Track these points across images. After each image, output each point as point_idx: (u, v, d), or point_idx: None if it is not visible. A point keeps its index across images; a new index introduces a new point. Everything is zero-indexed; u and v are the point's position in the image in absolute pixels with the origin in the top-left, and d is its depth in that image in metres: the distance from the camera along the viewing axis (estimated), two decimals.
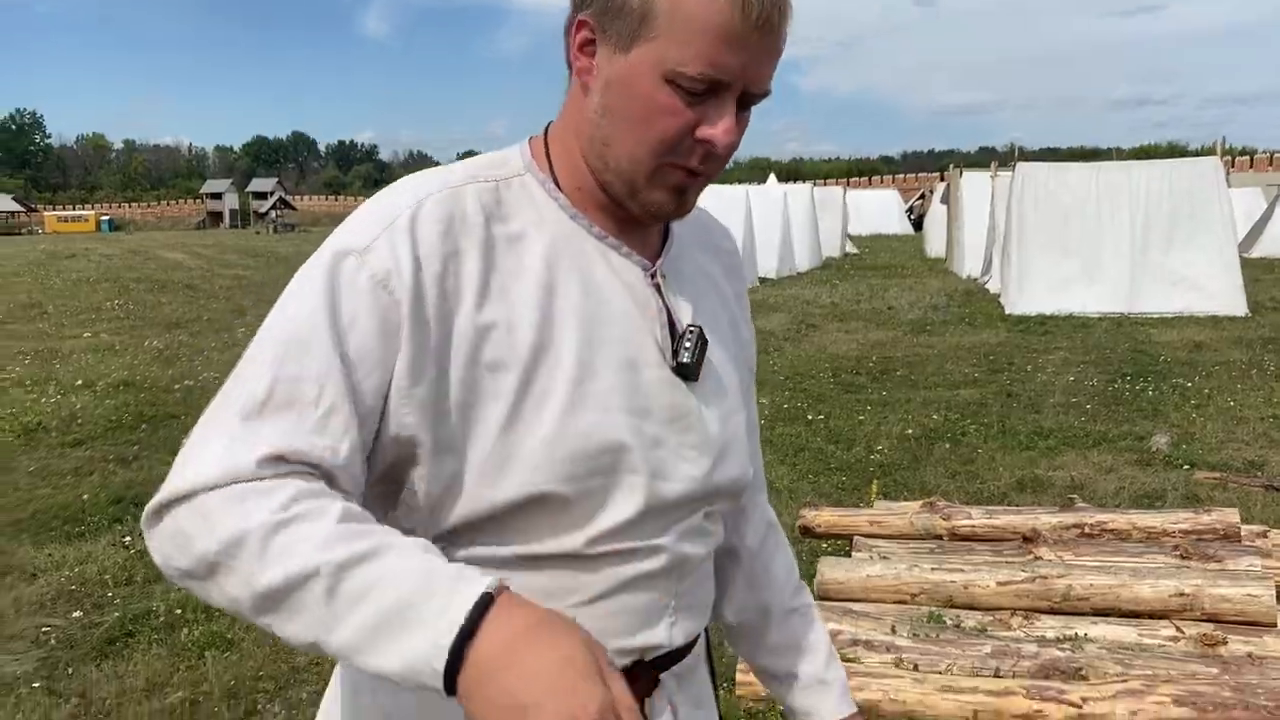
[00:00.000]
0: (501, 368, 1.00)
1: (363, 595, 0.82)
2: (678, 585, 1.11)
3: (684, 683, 1.16)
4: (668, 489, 1.06)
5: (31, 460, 7.34)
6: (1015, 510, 4.34)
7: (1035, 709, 2.98)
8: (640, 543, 1.06)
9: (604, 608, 1.05)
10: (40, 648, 3.98)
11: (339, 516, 0.86)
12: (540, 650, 0.78)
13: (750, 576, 1.31)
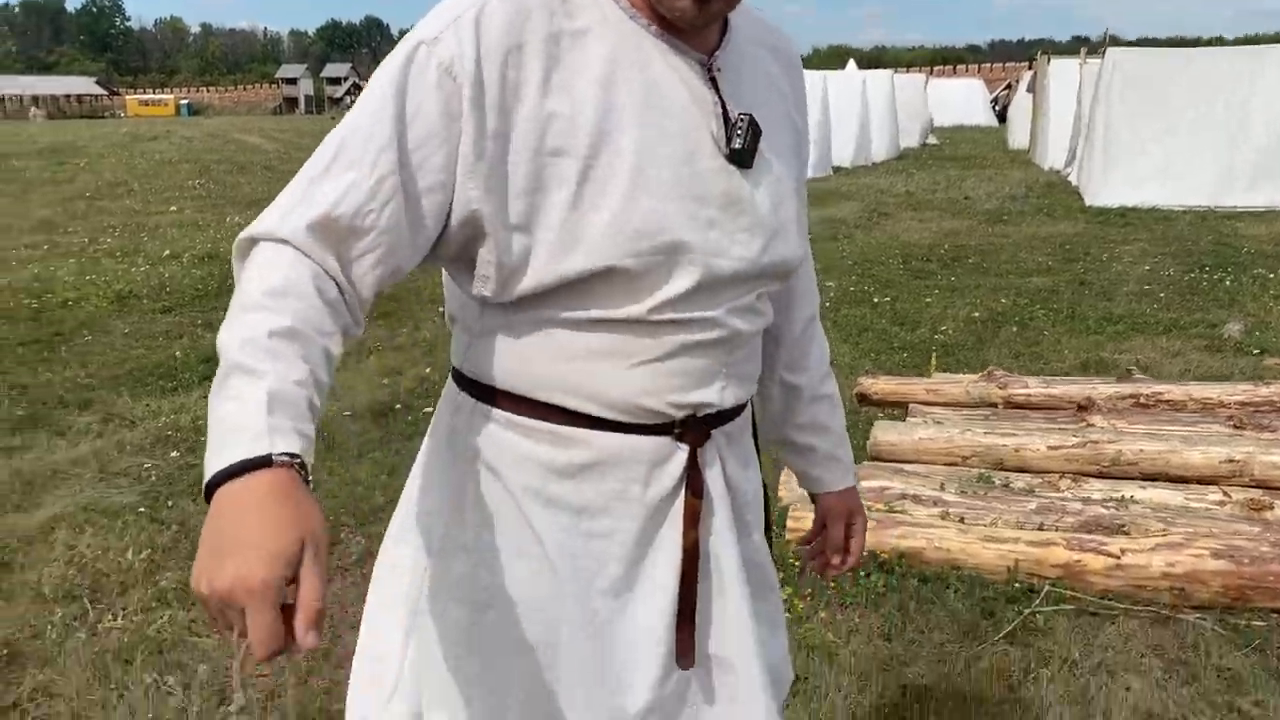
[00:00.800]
0: (565, 154, 1.11)
1: (223, 398, 0.95)
2: (728, 355, 1.23)
3: (732, 442, 1.29)
4: (721, 267, 1.18)
5: (125, 324, 7.72)
6: (1072, 380, 4.39)
7: (1074, 559, 3.10)
8: (696, 314, 1.18)
9: (663, 368, 1.18)
10: (142, 483, 4.30)
11: (275, 330, 0.98)
12: (261, 514, 0.86)
13: (790, 360, 1.43)
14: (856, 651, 2.80)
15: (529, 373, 1.19)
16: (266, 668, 2.68)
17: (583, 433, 1.19)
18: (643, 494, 1.21)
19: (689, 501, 1.22)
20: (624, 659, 1.23)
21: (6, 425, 5.14)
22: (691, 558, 1.23)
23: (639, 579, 1.23)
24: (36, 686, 2.73)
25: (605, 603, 1.22)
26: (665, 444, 1.21)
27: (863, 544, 1.53)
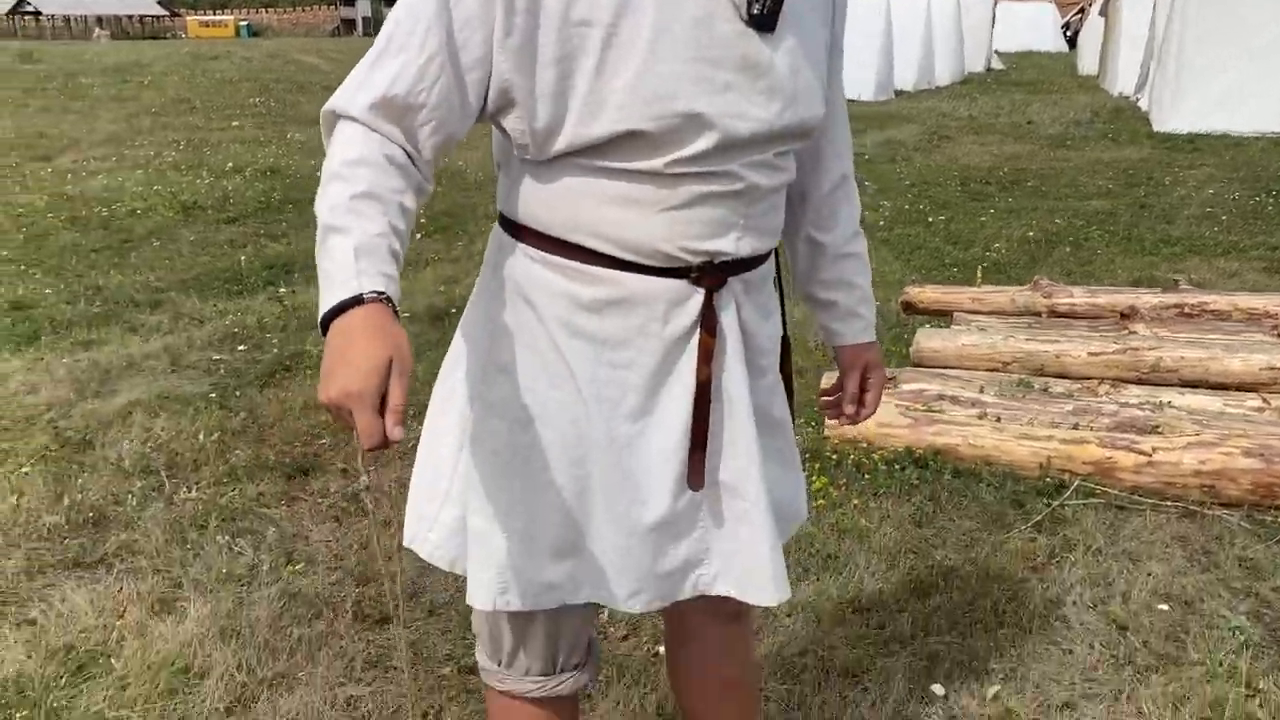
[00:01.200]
0: (589, 24, 1.21)
1: (323, 254, 1.17)
2: (747, 208, 1.33)
3: (751, 291, 1.39)
4: (738, 128, 1.27)
5: (191, 233, 7.96)
6: (1117, 290, 4.41)
7: (1106, 456, 3.17)
8: (714, 168, 1.28)
9: (682, 215, 1.29)
10: (211, 376, 4.51)
11: (354, 194, 1.18)
12: (358, 341, 1.09)
13: (817, 218, 1.52)
14: (887, 535, 2.91)
15: (558, 216, 1.31)
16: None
17: (606, 272, 1.30)
18: (661, 330, 1.32)
19: (703, 339, 1.33)
20: (642, 478, 1.36)
21: (84, 322, 5.40)
22: (704, 391, 1.35)
23: (656, 408, 1.35)
24: (120, 545, 2.95)
25: (626, 427, 1.35)
26: (683, 287, 1.32)
27: (878, 398, 1.62)
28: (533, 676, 1.51)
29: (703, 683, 1.72)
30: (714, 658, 1.69)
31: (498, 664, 1.52)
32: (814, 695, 2.24)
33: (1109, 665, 2.35)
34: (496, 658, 1.52)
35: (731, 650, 1.70)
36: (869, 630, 2.48)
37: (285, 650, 2.42)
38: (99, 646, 2.44)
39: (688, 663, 1.72)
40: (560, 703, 1.55)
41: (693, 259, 1.31)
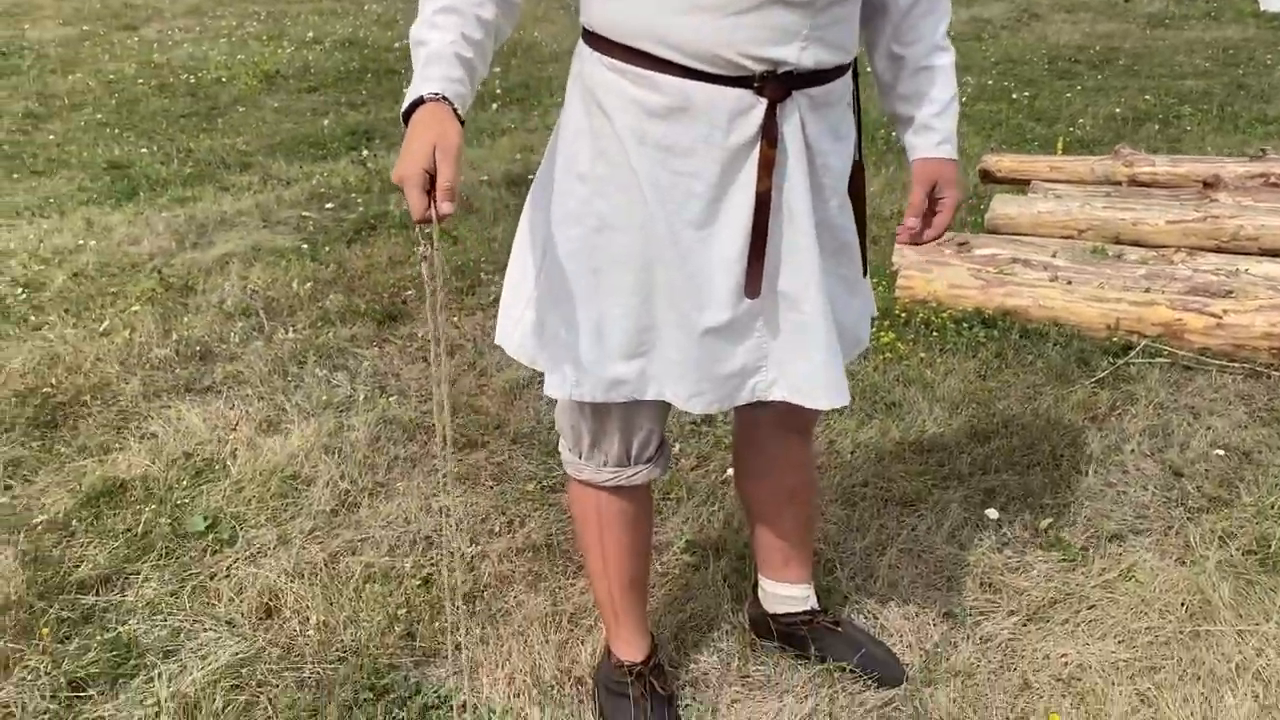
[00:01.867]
0: None
1: (414, 61, 1.37)
2: (813, 18, 1.38)
3: (818, 108, 1.45)
4: None
5: (274, 100, 8.11)
6: (1201, 159, 4.33)
7: (1176, 318, 3.20)
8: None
9: (746, 20, 1.34)
10: (301, 231, 4.70)
11: (436, 9, 1.37)
12: (414, 133, 1.27)
13: (897, 32, 1.56)
14: (951, 386, 3.00)
15: (628, 24, 1.39)
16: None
17: (671, 80, 1.38)
18: (724, 140, 1.40)
19: (764, 151, 1.40)
20: (704, 284, 1.46)
21: (178, 181, 5.61)
22: (764, 202, 1.43)
23: (718, 216, 1.45)
24: (227, 375, 3.17)
25: (690, 233, 1.45)
26: (746, 96, 1.39)
27: (947, 220, 1.65)
28: (609, 467, 1.65)
29: (768, 491, 1.85)
30: (779, 468, 1.83)
31: (578, 455, 1.67)
32: (872, 519, 2.38)
33: (1160, 504, 2.44)
34: (577, 450, 1.67)
35: (795, 462, 1.83)
36: (928, 467, 2.60)
37: (383, 466, 2.62)
38: (214, 456, 2.66)
39: (755, 472, 1.86)
40: (634, 492, 1.70)
41: (755, 66, 1.37)
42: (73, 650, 1.95)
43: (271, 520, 2.38)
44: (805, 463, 1.86)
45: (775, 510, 1.87)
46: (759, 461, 1.84)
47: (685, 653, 1.97)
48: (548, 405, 2.96)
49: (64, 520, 2.40)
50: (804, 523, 1.90)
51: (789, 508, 1.86)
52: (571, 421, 1.64)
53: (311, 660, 1.93)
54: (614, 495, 1.69)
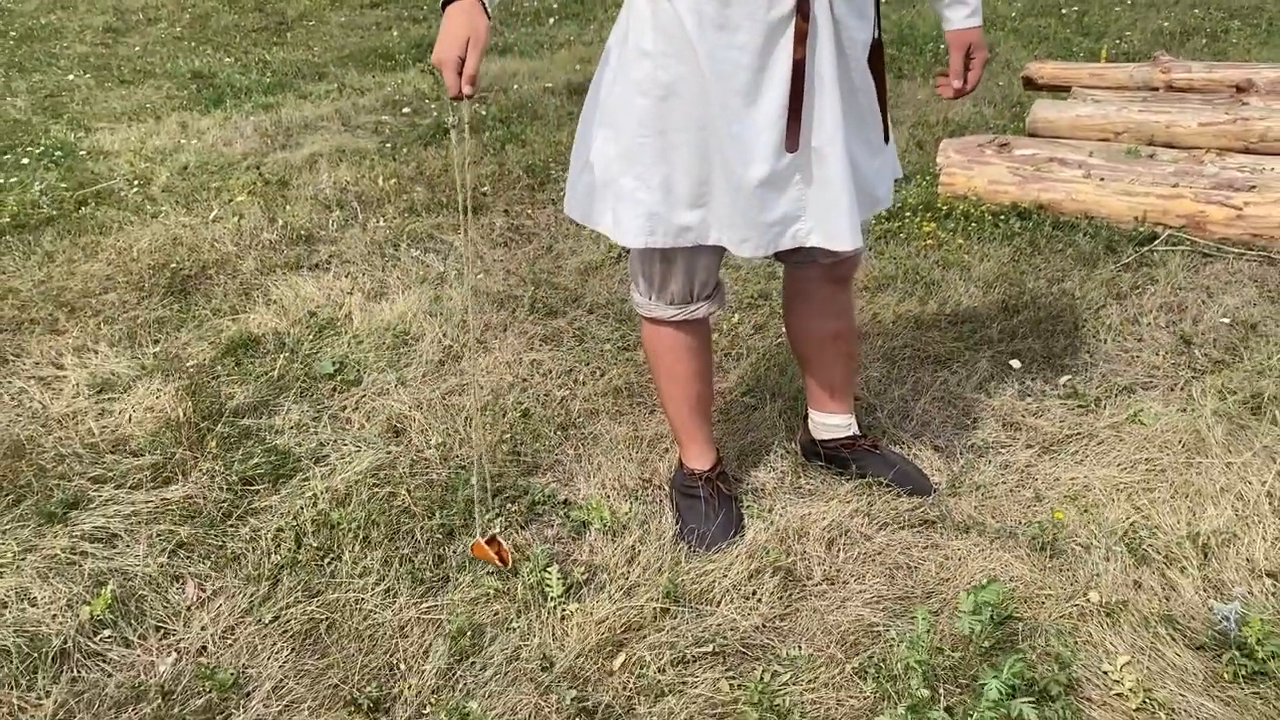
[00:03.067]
0: None
1: None
2: None
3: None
4: None
5: (339, 16, 8.40)
6: (1236, 65, 4.51)
7: (1199, 210, 3.45)
8: None
9: None
10: (380, 135, 5.03)
11: None
12: (450, 22, 1.60)
13: None
14: (986, 269, 3.30)
15: None
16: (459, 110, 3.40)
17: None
18: (765, 15, 1.70)
19: (798, 24, 1.70)
20: (751, 142, 1.77)
21: (259, 89, 5.96)
22: (799, 70, 1.73)
23: (762, 83, 1.75)
24: (331, 254, 3.54)
25: (739, 99, 1.75)
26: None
27: (979, 76, 1.94)
28: (674, 305, 1.98)
29: (815, 334, 2.18)
30: (822, 314, 2.15)
31: (649, 297, 2.00)
32: (909, 374, 2.71)
33: (1170, 365, 2.74)
34: (649, 292, 1.99)
35: (837, 309, 2.15)
36: (961, 333, 2.91)
37: (479, 327, 2.98)
38: (332, 316, 3.04)
39: (803, 318, 2.18)
40: (696, 325, 2.03)
41: None
42: (239, 456, 2.35)
43: (390, 366, 2.76)
44: (846, 309, 2.17)
45: (820, 351, 2.20)
46: (806, 308, 2.16)
47: (746, 470, 2.33)
48: (618, 282, 3.29)
49: (210, 366, 2.79)
50: (845, 361, 2.22)
51: (832, 348, 2.19)
52: (644, 269, 1.97)
53: (437, 466, 2.32)
54: (679, 329, 2.02)
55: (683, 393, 2.10)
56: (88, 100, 5.90)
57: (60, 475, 2.30)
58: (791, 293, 2.18)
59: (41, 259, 3.52)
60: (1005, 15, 7.75)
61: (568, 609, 1.90)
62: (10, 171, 4.45)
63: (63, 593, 1.94)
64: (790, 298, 2.19)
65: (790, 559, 2.03)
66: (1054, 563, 2.03)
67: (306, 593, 1.96)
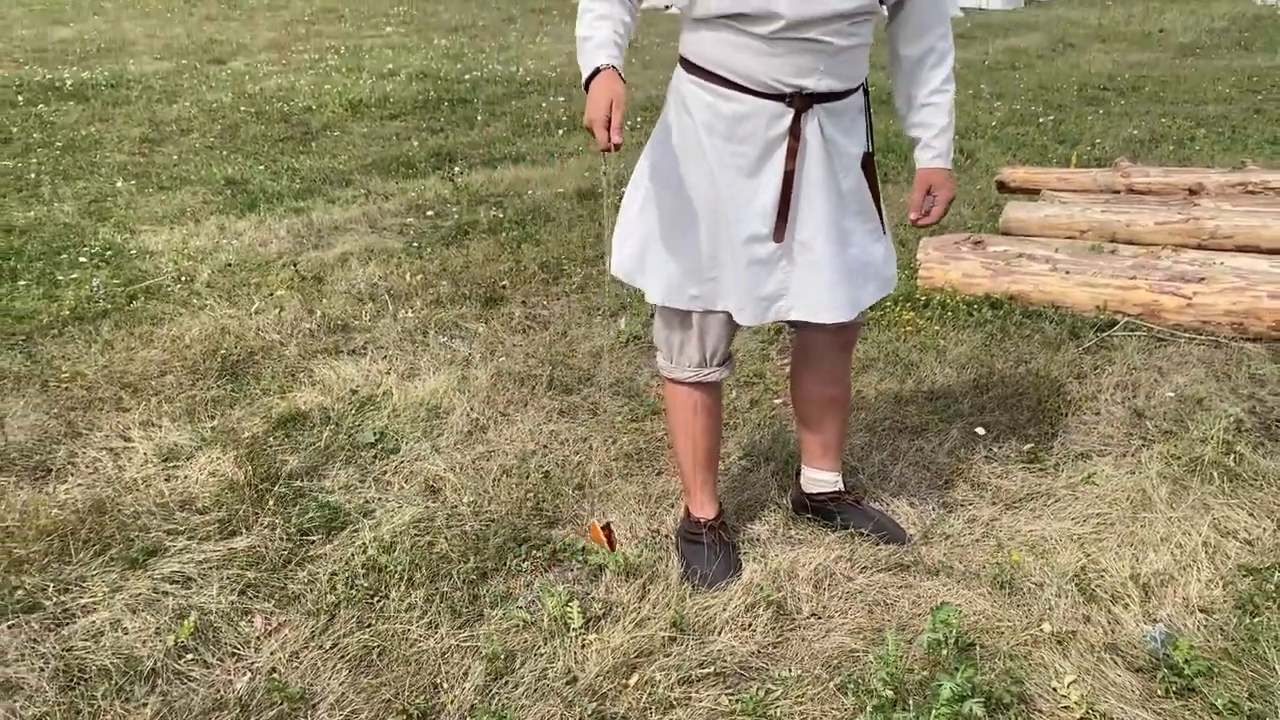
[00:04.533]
0: None
1: (582, 50, 2.02)
2: (827, 60, 2.06)
3: (834, 115, 2.13)
4: (810, 8, 1.99)
5: (361, 127, 8.93)
6: (1189, 170, 4.93)
7: (1153, 299, 3.81)
8: (799, 35, 2.02)
9: (778, 62, 2.04)
10: (405, 235, 5.44)
11: (594, 16, 2.04)
12: (595, 90, 1.92)
13: (909, 77, 2.23)
14: (959, 352, 3.64)
15: (707, 55, 2.11)
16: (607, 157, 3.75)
17: (734, 93, 2.09)
18: (765, 134, 2.10)
19: (790, 143, 2.09)
20: (749, 228, 2.14)
21: (290, 194, 6.40)
22: (788, 179, 2.11)
23: (760, 183, 2.13)
24: (366, 341, 3.89)
25: (742, 197, 2.13)
26: (780, 107, 2.08)
27: (941, 213, 2.29)
28: (691, 369, 2.32)
29: (815, 395, 2.51)
30: (824, 379, 2.49)
31: (670, 361, 2.35)
32: (889, 442, 3.03)
33: (1122, 435, 3.06)
34: (670, 356, 2.34)
35: (837, 375, 2.49)
36: (936, 408, 3.24)
37: (502, 403, 3.31)
38: (371, 394, 3.38)
39: (807, 381, 2.52)
40: (710, 388, 2.37)
41: (786, 89, 2.07)
42: (295, 512, 2.66)
43: (424, 436, 3.08)
44: (844, 376, 2.51)
45: (819, 412, 2.53)
46: (811, 373, 2.50)
47: (744, 522, 2.63)
48: (626, 363, 3.64)
49: (263, 437, 3.11)
50: (838, 424, 2.55)
51: (829, 411, 2.52)
52: (666, 335, 2.32)
53: (469, 519, 2.62)
54: (694, 389, 2.36)
55: (693, 446, 2.42)
56: (130, 205, 6.33)
57: (139, 528, 2.61)
58: (799, 359, 2.52)
59: (102, 346, 3.87)
60: (986, 124, 8.27)
61: (588, 638, 2.19)
62: (66, 270, 4.84)
63: (150, 623, 2.24)
64: (798, 363, 2.53)
65: (782, 595, 2.33)
66: (1012, 599, 2.32)
67: (360, 624, 2.25)
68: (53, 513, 2.67)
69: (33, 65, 12.03)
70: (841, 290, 2.20)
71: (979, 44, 13.87)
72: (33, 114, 9.24)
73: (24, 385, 3.51)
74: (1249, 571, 2.39)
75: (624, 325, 3.93)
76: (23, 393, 3.45)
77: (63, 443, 3.10)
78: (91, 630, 2.22)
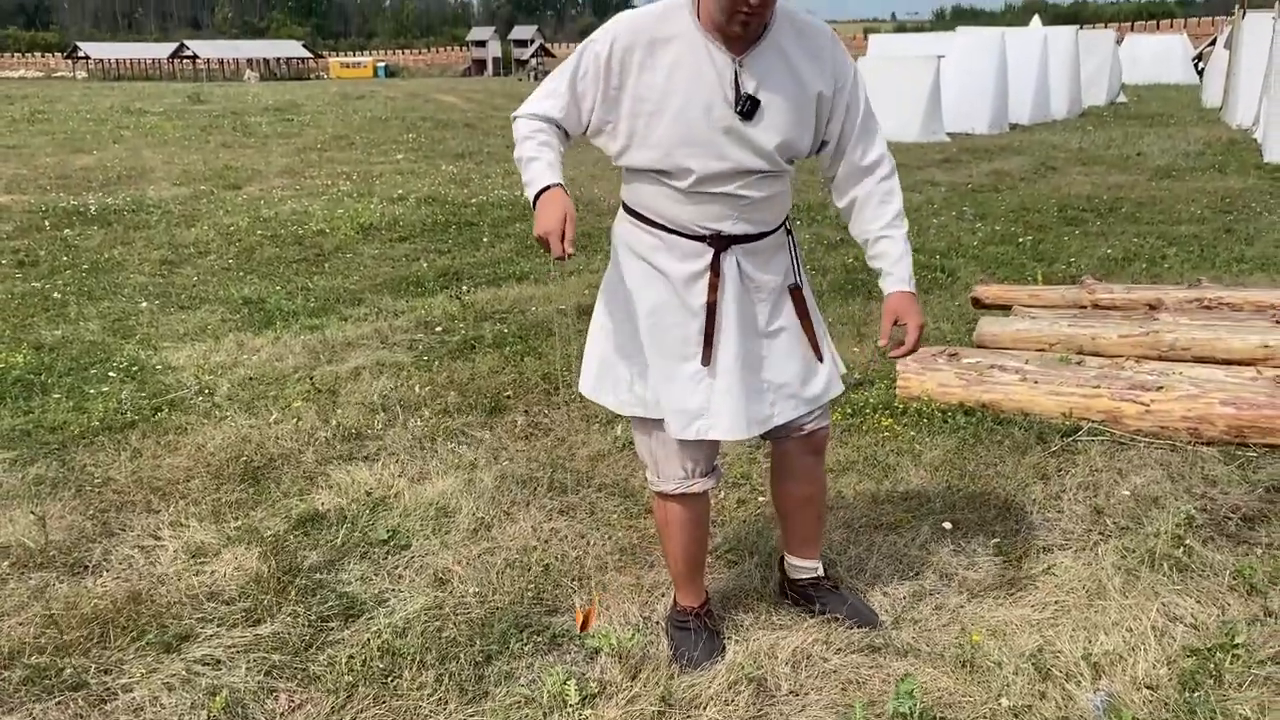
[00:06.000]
0: (646, 101, 2.31)
1: (523, 172, 2.31)
2: (741, 208, 2.38)
3: (750, 254, 2.43)
4: (718, 166, 2.32)
5: (371, 249, 9.35)
6: (1150, 287, 5.26)
7: (1115, 406, 4.09)
8: (715, 188, 2.34)
9: (695, 206, 2.37)
10: (414, 350, 5.75)
11: (538, 143, 2.32)
12: (547, 206, 2.20)
13: (856, 219, 2.52)
14: (933, 456, 3.89)
15: (639, 199, 2.44)
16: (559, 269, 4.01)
17: (662, 233, 2.40)
18: (687, 269, 2.39)
19: (710, 278, 2.39)
20: (680, 350, 2.42)
21: (304, 312, 6.74)
22: (710, 308, 2.39)
23: (686, 313, 2.41)
24: (378, 448, 4.15)
25: (672, 319, 2.41)
26: (701, 246, 2.39)
27: (915, 336, 2.44)
28: (674, 482, 2.56)
29: (792, 493, 2.75)
30: (798, 481, 2.73)
31: (655, 476, 2.59)
32: (864, 538, 3.26)
33: (1082, 530, 3.29)
34: (655, 471, 2.58)
35: (811, 476, 2.73)
36: (910, 506, 3.48)
37: (505, 503, 3.56)
38: (383, 496, 3.62)
39: (783, 483, 2.76)
40: (695, 499, 2.60)
41: (705, 231, 2.39)
42: (315, 601, 2.88)
43: (434, 533, 3.32)
44: (818, 477, 2.75)
45: (797, 508, 2.77)
46: (786, 476, 2.73)
47: (729, 609, 2.85)
48: (622, 466, 3.89)
49: (284, 536, 3.35)
50: (816, 518, 2.79)
51: (807, 506, 2.76)
52: (646, 450, 2.57)
53: (475, 608, 2.84)
54: (679, 502, 2.59)
55: (681, 550, 2.65)
56: (153, 323, 6.67)
57: (171, 617, 2.83)
58: (776, 463, 2.75)
59: (131, 454, 4.13)
60: (968, 244, 8.67)
61: (584, 713, 2.40)
62: (95, 384, 5.13)
63: (185, 699, 2.44)
64: (775, 467, 2.77)
65: (762, 673, 2.54)
66: (973, 676, 2.53)
67: (375, 702, 2.46)
68: (93, 603, 2.90)
69: (57, 192, 12.59)
70: (748, 409, 2.44)
71: (964, 167, 14.46)
72: (59, 238, 9.69)
73: (60, 490, 3.77)
74: (1193, 652, 2.60)
75: (619, 432, 4.20)
76: (59, 497, 3.70)
77: (98, 541, 3.34)
78: (132, 706, 2.43)
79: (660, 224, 2.40)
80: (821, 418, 2.64)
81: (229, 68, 78.03)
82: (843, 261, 7.88)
